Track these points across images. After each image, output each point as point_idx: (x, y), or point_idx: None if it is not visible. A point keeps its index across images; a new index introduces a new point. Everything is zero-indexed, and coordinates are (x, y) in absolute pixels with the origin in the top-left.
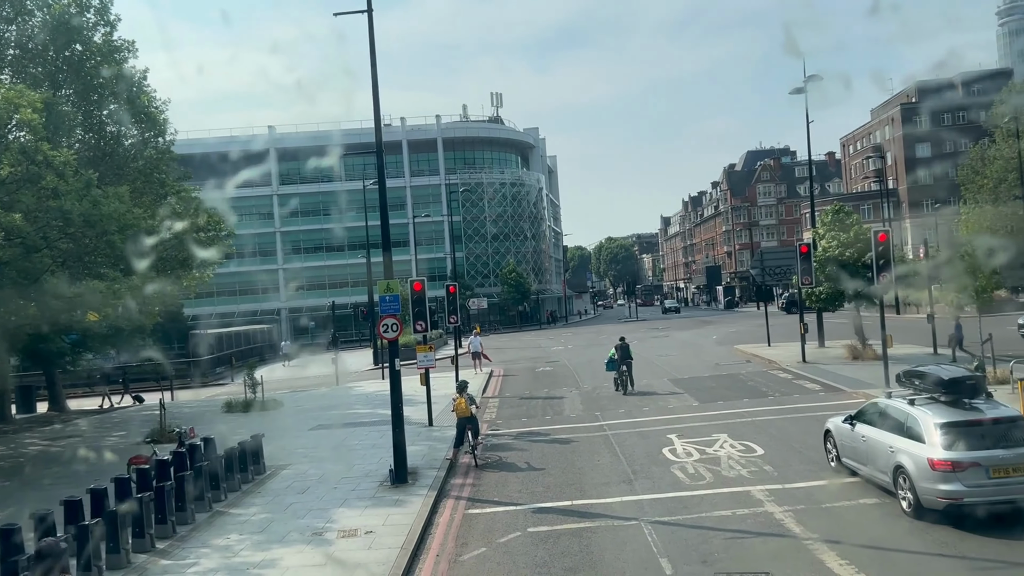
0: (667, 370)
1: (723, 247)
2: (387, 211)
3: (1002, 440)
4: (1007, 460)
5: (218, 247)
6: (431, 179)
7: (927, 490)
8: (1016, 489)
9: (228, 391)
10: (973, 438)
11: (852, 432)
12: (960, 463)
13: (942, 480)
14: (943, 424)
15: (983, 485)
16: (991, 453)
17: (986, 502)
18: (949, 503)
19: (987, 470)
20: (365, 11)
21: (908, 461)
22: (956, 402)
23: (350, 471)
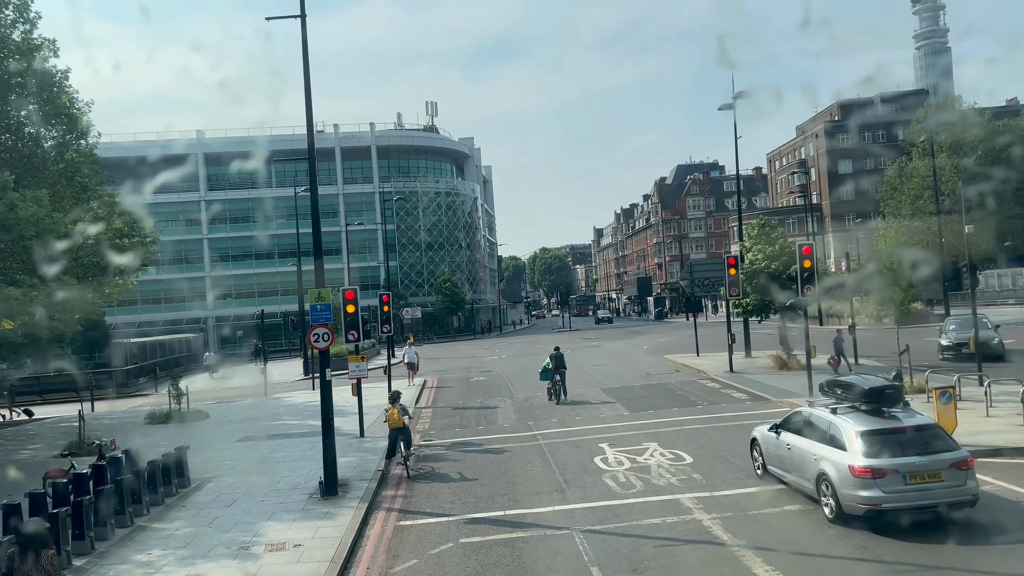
0: (599, 380)
1: (654, 259)
2: (319, 219)
3: (918, 447)
4: (922, 467)
5: (141, 253)
6: (364, 187)
7: (848, 496)
8: (930, 495)
9: (151, 402)
10: (892, 446)
11: (777, 441)
12: (879, 470)
13: (862, 487)
14: (864, 432)
15: (900, 491)
16: (908, 460)
17: (903, 508)
18: (869, 509)
19: (904, 476)
20: (299, 16)
21: (831, 468)
22: (876, 411)
23: (278, 484)
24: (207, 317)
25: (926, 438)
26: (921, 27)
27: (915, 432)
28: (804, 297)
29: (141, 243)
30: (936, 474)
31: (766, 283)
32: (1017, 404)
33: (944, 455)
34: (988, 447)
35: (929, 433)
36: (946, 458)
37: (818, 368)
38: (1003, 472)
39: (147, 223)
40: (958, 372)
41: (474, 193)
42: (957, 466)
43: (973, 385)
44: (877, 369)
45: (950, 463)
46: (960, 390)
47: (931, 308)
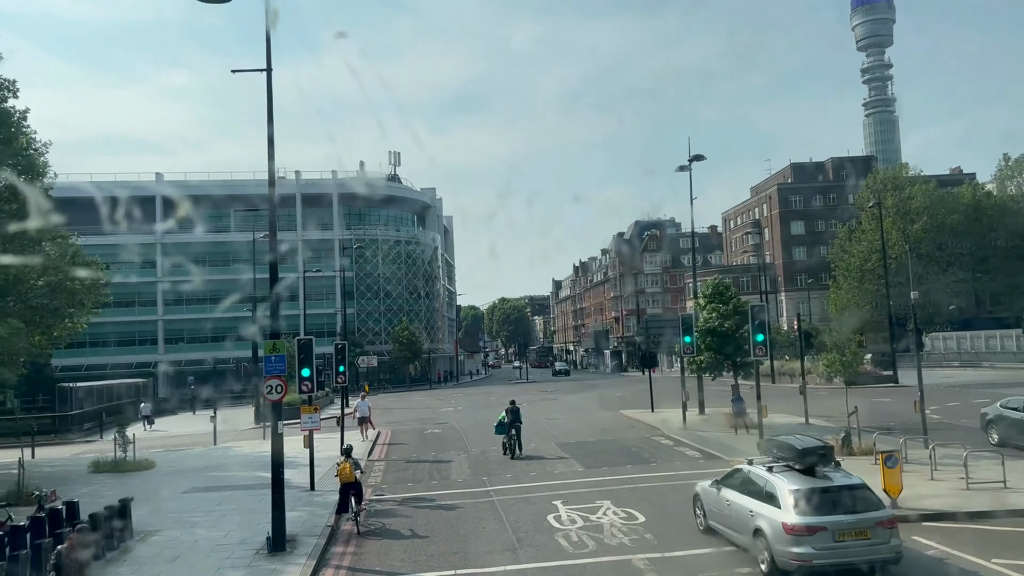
0: (555, 434)
1: (611, 312)
2: (276, 273)
3: (848, 506)
4: (851, 525)
5: (93, 296)
6: (324, 234)
7: (781, 552)
8: (857, 552)
9: (96, 449)
10: (822, 504)
11: (718, 496)
12: (810, 527)
13: (794, 543)
14: (796, 490)
15: (830, 548)
16: (837, 518)
17: (832, 564)
18: (800, 564)
19: (834, 534)
20: (264, 70)
21: (765, 524)
22: (809, 470)
23: (225, 538)
24: (158, 361)
25: (855, 497)
26: (870, 96)
27: (845, 491)
28: (756, 355)
29: (93, 285)
30: (863, 532)
31: (717, 342)
32: (960, 467)
33: (871, 514)
34: (932, 511)
35: (858, 493)
36: (873, 517)
37: (770, 426)
38: (945, 536)
39: (106, 267)
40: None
41: (434, 242)
42: (883, 525)
43: (919, 448)
44: (826, 429)
45: (876, 522)
46: (906, 453)
47: (880, 369)
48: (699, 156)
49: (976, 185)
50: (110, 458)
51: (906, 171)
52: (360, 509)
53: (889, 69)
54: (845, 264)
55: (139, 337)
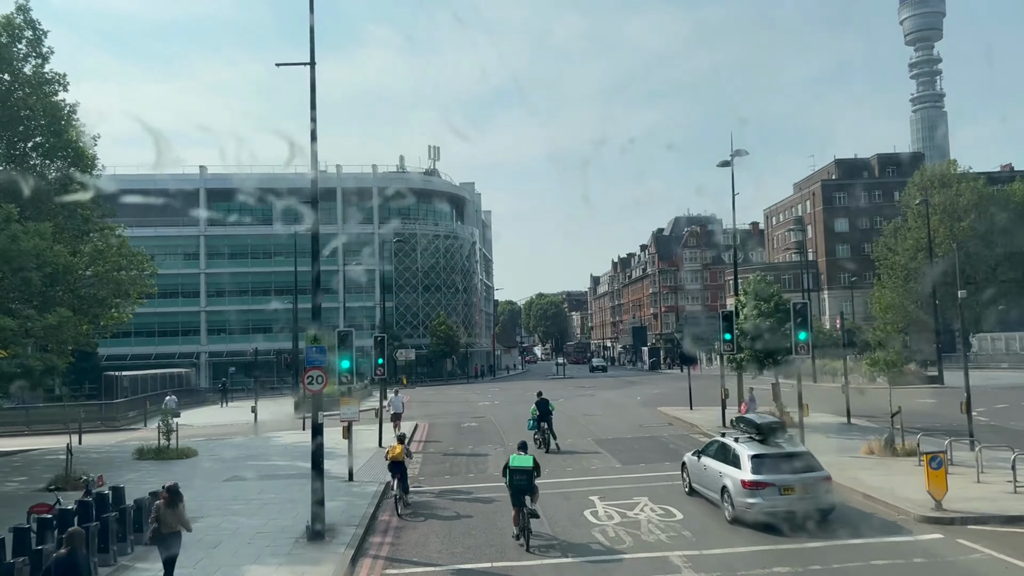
0: (592, 430)
1: (649, 308)
2: (319, 265)
3: (792, 468)
4: (792, 482)
5: (138, 287)
6: (364, 227)
7: (740, 503)
8: (797, 503)
9: (140, 436)
10: (772, 466)
11: (699, 463)
12: (760, 483)
13: (749, 495)
14: (753, 455)
15: (776, 499)
16: (782, 477)
17: (777, 511)
18: (753, 513)
19: (779, 489)
20: (308, 64)
21: (729, 482)
22: (766, 440)
23: (265, 526)
24: (200, 352)
25: (800, 461)
26: (918, 91)
27: (791, 457)
28: (798, 354)
29: (139, 276)
30: (804, 488)
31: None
32: (1007, 471)
33: (810, 474)
34: (977, 514)
35: (802, 457)
36: (813, 476)
37: (810, 426)
38: (991, 540)
39: (152, 259)
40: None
41: (472, 237)
42: (821, 483)
43: (964, 450)
44: (868, 429)
45: (815, 480)
46: (951, 454)
47: (925, 369)
48: (741, 151)
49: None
50: (154, 445)
51: (954, 168)
52: (407, 497)
53: (938, 63)
54: (890, 262)
55: (182, 327)
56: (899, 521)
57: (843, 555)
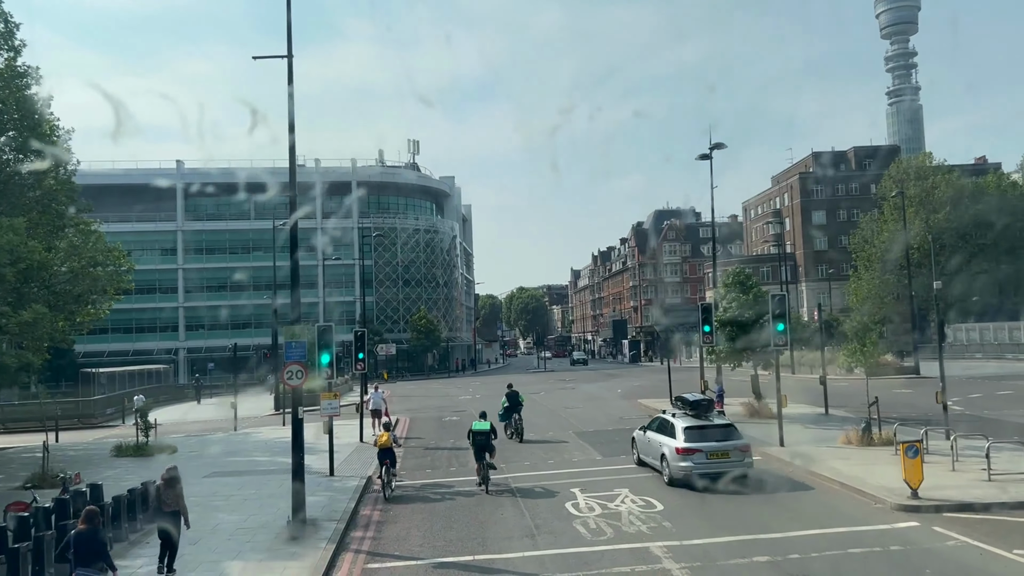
0: (573, 423)
1: (630, 302)
2: (298, 259)
3: (717, 437)
4: (717, 448)
5: (115, 283)
6: (343, 222)
7: (675, 467)
8: (721, 466)
9: (119, 433)
10: (701, 435)
11: (644, 436)
12: (690, 449)
13: (682, 460)
14: (685, 427)
15: (703, 463)
16: (709, 444)
17: (704, 473)
18: (685, 475)
19: (706, 454)
20: (285, 56)
21: (667, 450)
22: (699, 415)
23: (246, 521)
24: (179, 348)
25: (724, 432)
26: (894, 84)
27: (717, 428)
28: (776, 345)
29: (116, 272)
30: (726, 453)
31: (737, 332)
32: (982, 459)
33: (732, 442)
34: (953, 502)
35: (726, 429)
36: (734, 444)
37: (789, 416)
38: (966, 527)
39: (129, 254)
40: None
41: (453, 231)
42: (740, 449)
43: (940, 439)
44: (846, 419)
45: (735, 447)
46: (927, 443)
47: (901, 360)
48: (720, 144)
49: (1001, 175)
50: (132, 442)
51: (930, 160)
52: (393, 474)
53: (913, 57)
54: (867, 254)
55: (160, 324)
56: (876, 509)
57: (821, 544)
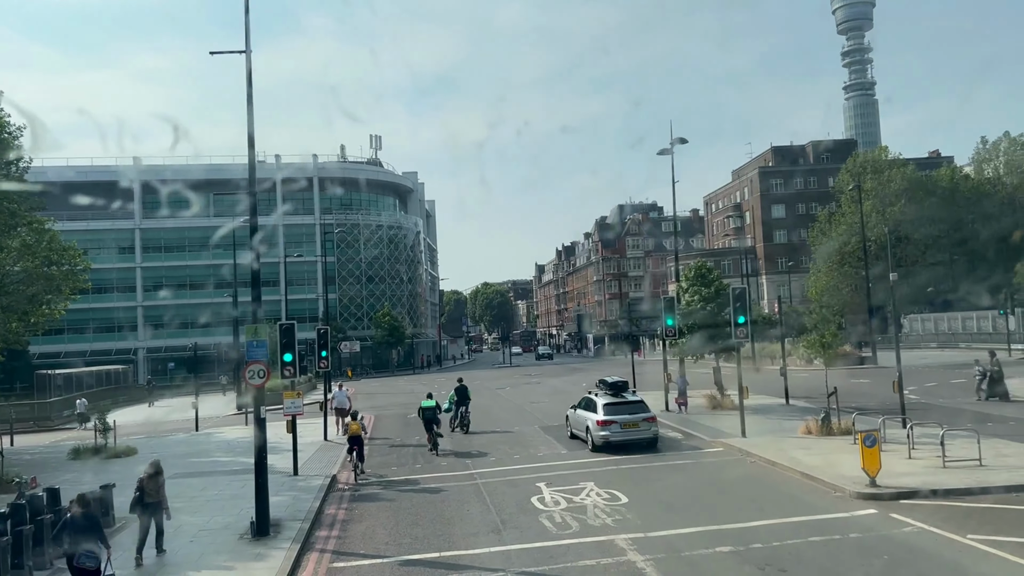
0: (538, 417)
1: (594, 296)
2: (259, 257)
3: (629, 411)
4: (629, 420)
5: (71, 282)
6: (305, 218)
7: (596, 436)
8: (632, 434)
9: (76, 436)
10: (616, 410)
11: (575, 414)
12: (608, 421)
13: (602, 430)
14: (604, 404)
15: (619, 432)
16: (623, 416)
17: (620, 441)
18: (604, 442)
19: (620, 424)
20: (243, 52)
21: (590, 423)
22: (616, 393)
23: (208, 523)
24: (138, 348)
25: (635, 407)
26: (850, 79)
27: (630, 404)
28: (738, 338)
29: (71, 271)
30: (636, 424)
31: (699, 324)
32: (937, 446)
33: (641, 414)
34: (909, 489)
35: (637, 403)
36: (642, 416)
37: (751, 407)
38: (922, 513)
39: (85, 253)
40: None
41: (416, 227)
42: (647, 420)
43: (897, 427)
44: (806, 409)
45: (643, 419)
46: (884, 432)
47: (859, 350)
48: (681, 139)
49: (954, 168)
50: (90, 445)
51: (885, 154)
52: (362, 466)
53: (869, 52)
54: (825, 247)
55: (119, 323)
56: (836, 498)
57: (782, 533)
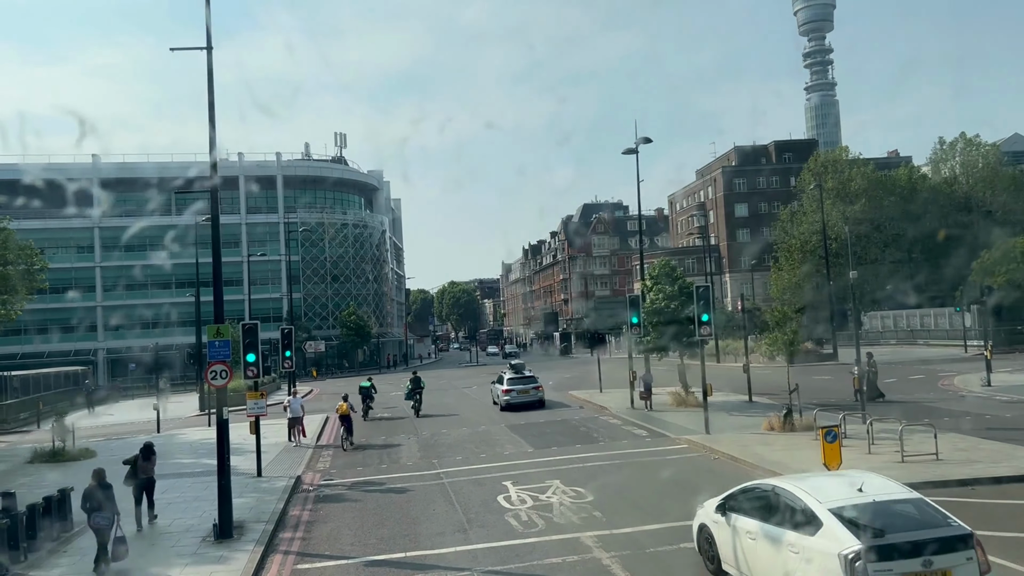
0: (504, 416)
1: (560, 294)
2: (219, 251)
3: (523, 383)
4: (523, 388)
5: (28, 282)
6: (269, 217)
7: (502, 400)
8: (524, 397)
9: (34, 439)
10: (515, 382)
11: (492, 386)
12: (510, 390)
13: (505, 396)
14: (508, 378)
15: (516, 396)
16: (519, 386)
17: (517, 402)
18: (507, 403)
19: (517, 392)
20: (204, 48)
21: (498, 392)
22: (517, 371)
23: (170, 526)
24: (98, 348)
25: (528, 380)
26: (812, 80)
27: (525, 378)
28: (701, 335)
29: (28, 271)
30: (528, 391)
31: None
32: (896, 441)
33: (531, 385)
34: None
35: (530, 378)
36: (532, 386)
37: (715, 404)
38: None
39: (42, 252)
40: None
41: (382, 226)
42: (536, 388)
43: (857, 423)
44: (769, 406)
45: (533, 387)
46: (845, 428)
47: (820, 347)
48: (646, 139)
49: (912, 168)
50: (48, 448)
51: (846, 154)
52: (351, 438)
53: (830, 53)
54: (787, 245)
55: (78, 324)
56: None
57: None
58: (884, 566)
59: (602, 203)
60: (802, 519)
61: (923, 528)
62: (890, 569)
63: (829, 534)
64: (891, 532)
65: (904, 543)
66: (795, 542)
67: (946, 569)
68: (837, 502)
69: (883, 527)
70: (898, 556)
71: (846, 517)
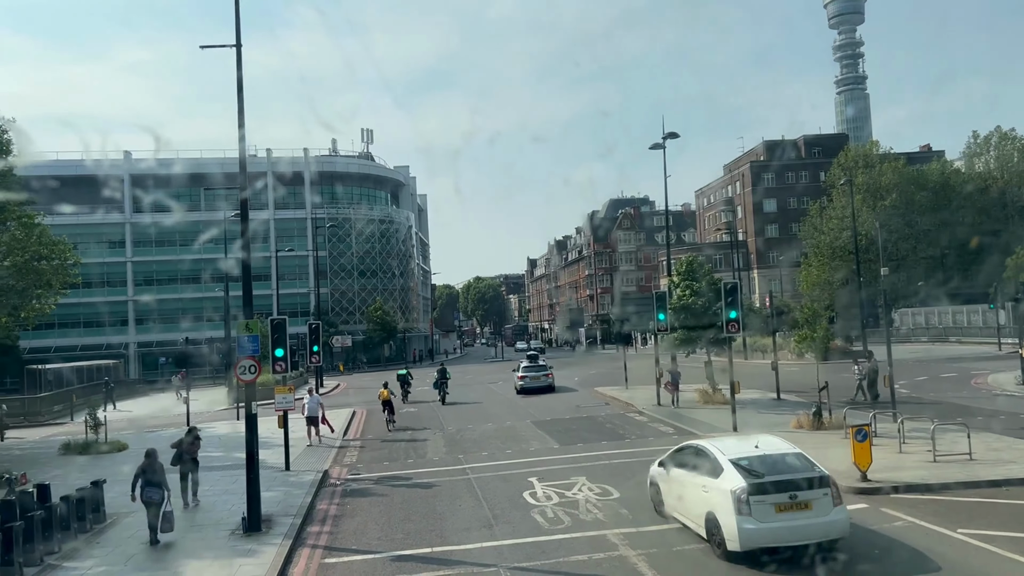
0: (530, 412)
1: (586, 290)
2: (249, 249)
3: (535, 370)
4: (535, 376)
5: (61, 277)
6: (296, 212)
7: (517, 384)
8: (536, 383)
9: (67, 431)
10: (529, 369)
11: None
12: (524, 376)
13: (520, 381)
14: (523, 366)
15: (529, 382)
16: (531, 374)
17: (531, 387)
18: (521, 387)
19: (530, 379)
20: (234, 46)
21: (515, 376)
22: (532, 360)
23: (199, 519)
24: (129, 343)
25: (540, 368)
26: (842, 73)
27: (538, 367)
28: (729, 332)
29: (61, 266)
30: (539, 378)
31: (691, 319)
32: (927, 440)
33: (543, 372)
34: (900, 483)
35: (542, 367)
36: (544, 372)
37: (742, 402)
38: (912, 507)
39: (75, 247)
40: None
41: (408, 221)
42: (547, 376)
43: (888, 422)
44: (798, 404)
45: (543, 374)
46: (875, 427)
47: (850, 345)
48: (673, 134)
49: (945, 162)
50: (81, 440)
51: (876, 149)
52: (393, 417)
53: (860, 47)
54: (816, 241)
55: (109, 318)
56: None
57: None
58: (761, 498)
59: (628, 198)
60: (712, 467)
61: (794, 472)
62: (765, 501)
63: (727, 477)
64: (770, 475)
65: (777, 482)
66: (707, 484)
67: (807, 501)
68: (736, 455)
69: (764, 472)
70: (772, 491)
71: (741, 465)
